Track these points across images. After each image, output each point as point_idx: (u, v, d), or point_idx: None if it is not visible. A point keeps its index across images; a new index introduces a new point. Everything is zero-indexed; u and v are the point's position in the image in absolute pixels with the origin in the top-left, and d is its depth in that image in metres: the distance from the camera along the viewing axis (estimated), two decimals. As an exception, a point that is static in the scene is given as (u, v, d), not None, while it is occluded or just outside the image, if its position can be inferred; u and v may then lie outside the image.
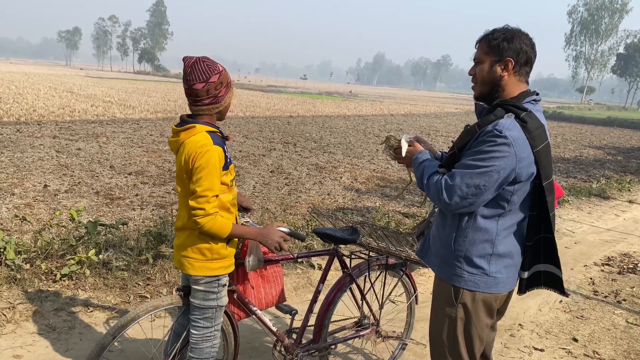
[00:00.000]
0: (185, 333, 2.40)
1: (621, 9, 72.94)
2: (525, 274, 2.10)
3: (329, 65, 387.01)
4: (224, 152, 2.14)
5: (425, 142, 2.32)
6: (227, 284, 2.32)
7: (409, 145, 2.24)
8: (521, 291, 2.15)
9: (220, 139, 2.17)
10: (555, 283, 2.08)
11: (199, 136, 2.08)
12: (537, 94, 2.02)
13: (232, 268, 2.30)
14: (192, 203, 2.06)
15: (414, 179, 2.28)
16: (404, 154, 2.23)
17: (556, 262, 2.05)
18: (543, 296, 4.53)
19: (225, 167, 2.15)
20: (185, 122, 2.15)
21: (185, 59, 2.13)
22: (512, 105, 1.92)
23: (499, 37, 1.95)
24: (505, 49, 1.93)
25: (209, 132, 2.11)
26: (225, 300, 2.31)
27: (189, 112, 2.22)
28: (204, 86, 2.09)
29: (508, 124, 1.85)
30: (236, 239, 2.30)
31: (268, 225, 2.29)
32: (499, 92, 1.99)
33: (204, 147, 2.04)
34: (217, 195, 2.09)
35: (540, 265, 2.07)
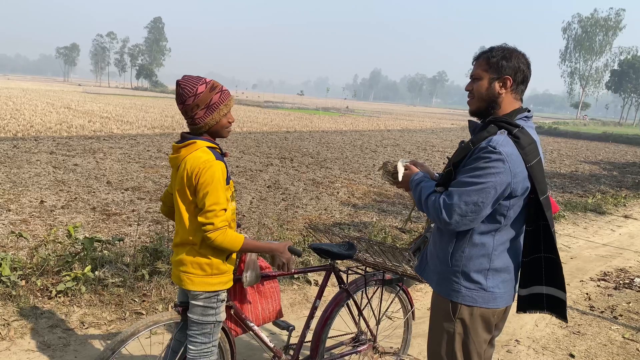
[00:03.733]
0: (182, 349, 2.39)
1: (615, 26, 73.90)
2: (524, 292, 2.09)
3: (326, 81, 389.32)
4: (226, 166, 2.17)
5: (422, 165, 2.31)
6: (225, 299, 2.33)
7: (405, 169, 2.25)
8: (520, 310, 2.14)
9: (220, 155, 2.20)
10: (558, 308, 2.06)
11: (200, 152, 2.11)
12: (529, 111, 2.05)
13: (231, 283, 2.31)
14: (200, 219, 2.08)
15: None
16: (400, 178, 2.24)
17: (561, 286, 2.03)
18: (540, 311, 4.53)
19: (226, 182, 2.18)
20: (185, 138, 2.18)
21: None
22: (504, 121, 1.94)
23: (497, 55, 1.97)
24: (504, 67, 1.96)
25: (209, 147, 2.15)
26: (223, 315, 2.31)
27: (187, 130, 2.26)
28: (182, 108, 2.15)
29: (501, 140, 1.87)
30: (234, 255, 2.32)
31: (281, 243, 2.38)
32: (495, 109, 2.02)
33: (207, 163, 2.07)
34: (225, 209, 2.12)
35: (543, 287, 2.06)
